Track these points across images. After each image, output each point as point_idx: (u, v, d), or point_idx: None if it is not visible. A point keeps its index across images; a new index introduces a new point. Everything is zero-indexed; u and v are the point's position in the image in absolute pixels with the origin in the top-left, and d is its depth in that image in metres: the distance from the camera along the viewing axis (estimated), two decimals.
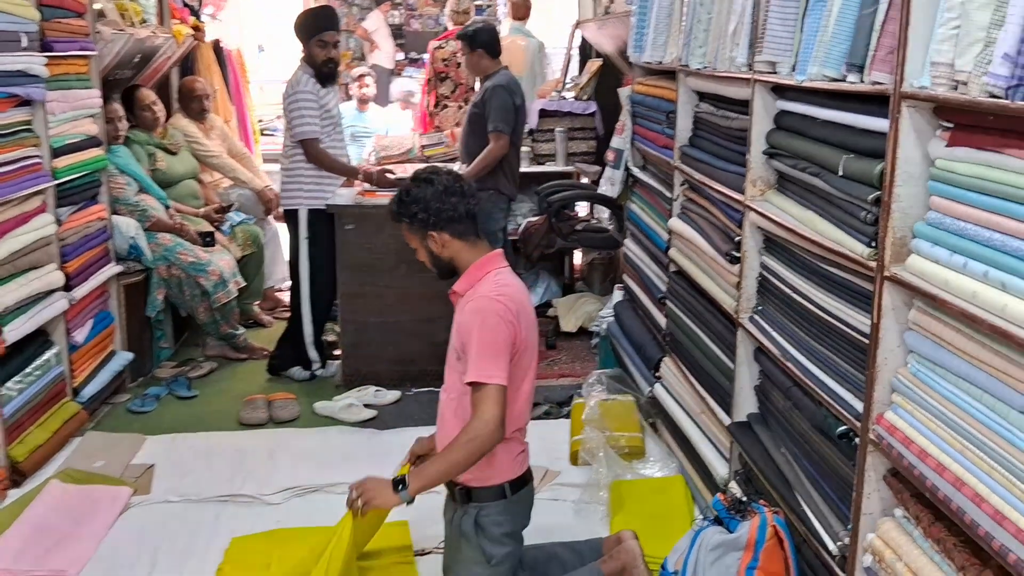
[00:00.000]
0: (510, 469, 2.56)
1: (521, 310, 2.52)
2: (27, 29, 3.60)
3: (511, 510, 2.57)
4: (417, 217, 2.56)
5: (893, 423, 1.99)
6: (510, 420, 2.54)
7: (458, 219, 2.57)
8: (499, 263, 2.61)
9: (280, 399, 4.39)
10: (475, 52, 5.02)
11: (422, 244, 2.63)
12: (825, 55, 2.24)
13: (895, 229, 1.96)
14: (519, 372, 2.53)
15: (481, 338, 2.42)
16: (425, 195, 2.56)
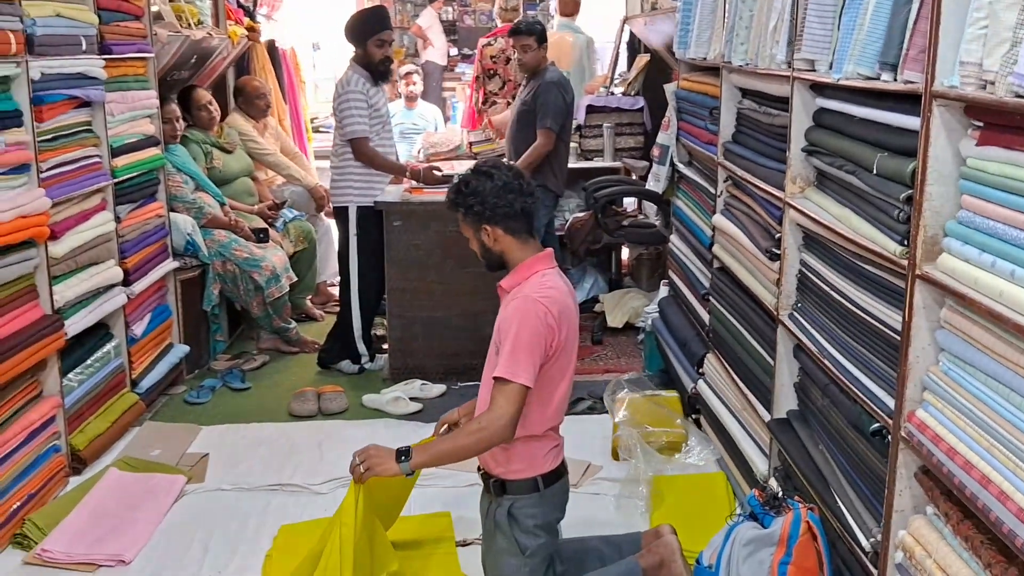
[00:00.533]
0: (543, 463, 2.60)
1: (564, 312, 2.54)
2: (86, 33, 3.74)
3: (544, 503, 2.62)
4: (473, 209, 2.58)
5: (924, 421, 1.99)
6: (544, 418, 2.59)
7: (513, 216, 2.59)
8: (548, 263, 2.63)
9: (329, 392, 4.49)
10: (543, 47, 5.08)
11: (475, 236, 2.65)
12: (860, 53, 2.24)
13: (927, 227, 1.97)
14: (555, 373, 2.57)
15: (517, 337, 2.45)
16: (484, 189, 2.57)
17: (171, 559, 3.16)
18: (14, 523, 3.24)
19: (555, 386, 2.60)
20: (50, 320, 3.43)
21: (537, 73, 5.12)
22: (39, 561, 3.10)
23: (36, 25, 3.34)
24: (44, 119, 3.43)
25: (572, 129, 5.43)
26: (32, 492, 3.37)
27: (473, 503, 3.06)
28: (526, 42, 5.11)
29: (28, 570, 3.08)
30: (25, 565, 3.10)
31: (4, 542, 3.19)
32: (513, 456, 2.55)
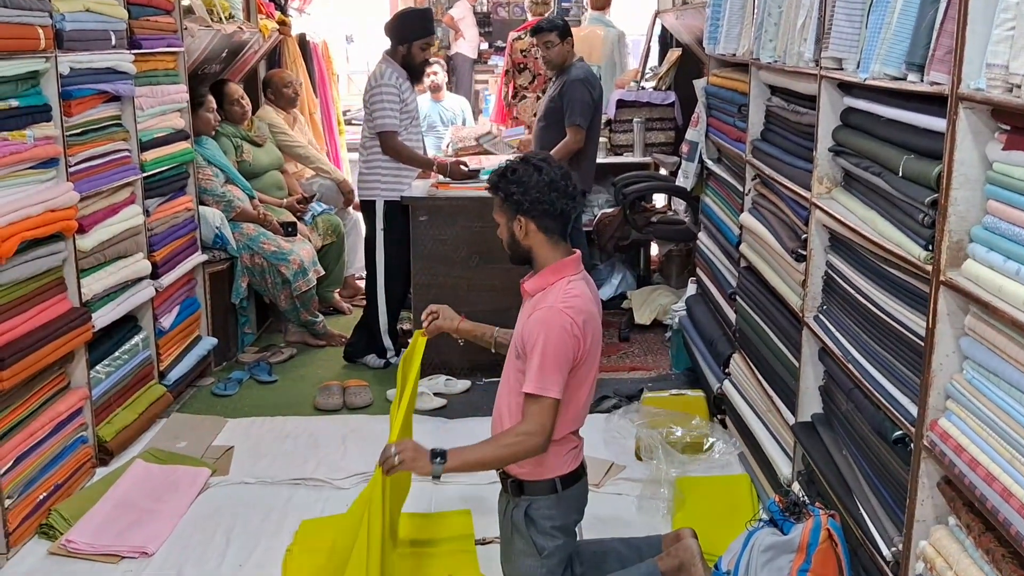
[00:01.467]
0: (561, 465, 2.59)
1: (588, 321, 2.52)
2: (116, 28, 3.76)
3: (561, 504, 2.60)
4: (513, 197, 2.53)
5: (946, 430, 1.95)
6: (565, 421, 2.57)
7: (551, 215, 2.54)
8: (574, 269, 2.59)
9: (354, 386, 4.50)
10: (566, 41, 5.05)
11: (507, 224, 2.60)
12: (887, 53, 2.20)
13: (951, 233, 1.92)
14: (577, 381, 2.55)
15: (543, 350, 2.42)
16: (529, 180, 2.52)
17: (193, 551, 3.19)
18: (40, 513, 3.28)
19: (576, 391, 2.58)
20: (78, 313, 3.47)
21: (564, 69, 5.08)
22: (64, 551, 3.14)
23: (65, 20, 3.37)
24: (73, 113, 3.46)
25: (601, 124, 5.38)
26: (58, 483, 3.41)
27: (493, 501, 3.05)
28: (548, 38, 5.06)
29: (53, 560, 3.12)
30: (50, 555, 3.14)
31: (30, 532, 3.23)
32: (532, 459, 2.54)
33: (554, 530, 2.59)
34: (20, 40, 3.11)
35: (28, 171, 3.20)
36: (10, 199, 3.06)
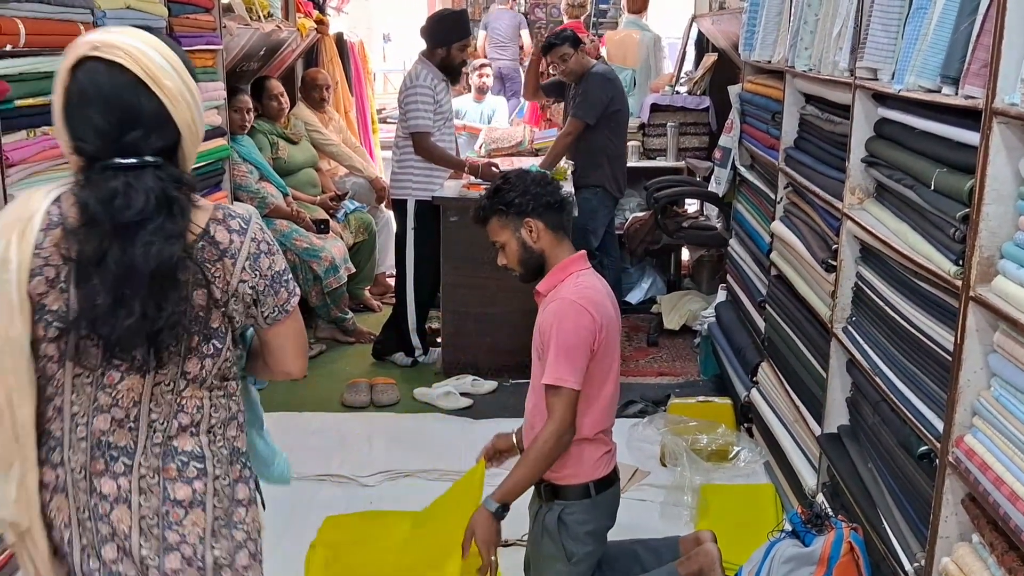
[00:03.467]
0: (595, 469, 2.57)
1: (603, 312, 2.52)
2: (156, 25, 3.81)
3: (595, 509, 2.59)
4: (515, 202, 2.53)
5: (972, 447, 1.93)
6: (594, 422, 2.56)
7: (553, 207, 2.56)
8: (582, 264, 2.61)
9: (381, 383, 4.54)
10: (580, 49, 5.04)
11: (515, 235, 2.58)
12: (922, 65, 2.18)
13: (982, 248, 1.91)
14: (599, 374, 2.54)
15: (559, 341, 2.43)
16: (523, 183, 2.56)
17: None
18: None
19: (600, 386, 2.57)
20: None
21: (584, 75, 5.08)
22: None
23: (106, 17, 3.42)
24: None
25: (626, 123, 5.35)
26: None
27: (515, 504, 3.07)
28: (562, 52, 5.03)
29: None
30: None
31: None
32: (565, 460, 2.53)
33: (587, 536, 2.57)
34: (62, 36, 3.16)
35: (67, 166, 3.24)
36: None
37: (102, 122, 1.58)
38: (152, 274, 1.52)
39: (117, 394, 1.62)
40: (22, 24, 2.91)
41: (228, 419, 1.73)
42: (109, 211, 1.53)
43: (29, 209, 1.60)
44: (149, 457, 1.65)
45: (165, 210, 1.56)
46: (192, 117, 1.64)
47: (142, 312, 1.53)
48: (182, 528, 1.65)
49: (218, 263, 1.61)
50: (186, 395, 1.66)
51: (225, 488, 1.72)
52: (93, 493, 1.64)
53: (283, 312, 1.71)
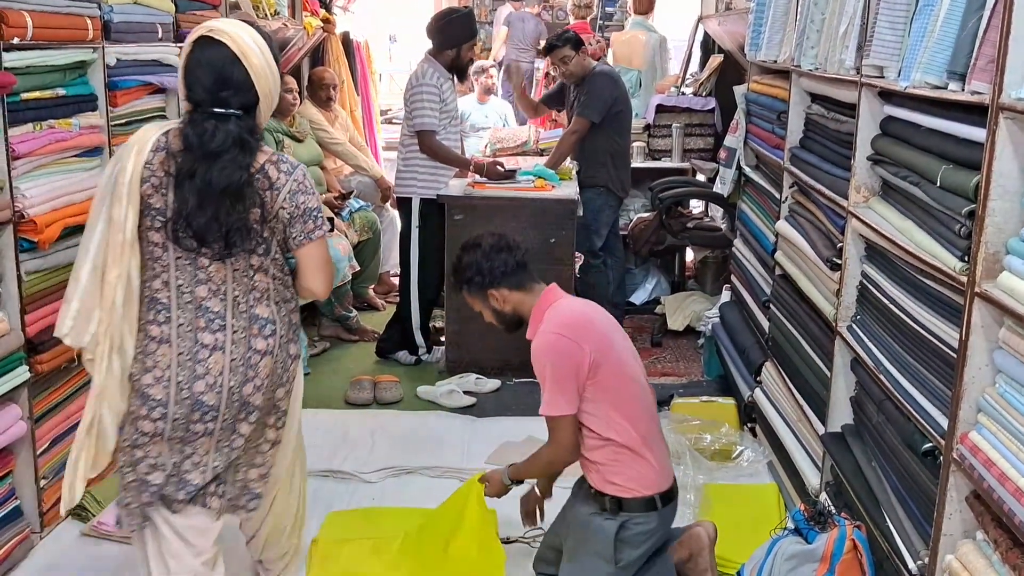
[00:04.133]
0: (657, 482, 2.59)
1: (581, 330, 2.59)
2: (162, 20, 3.83)
3: (658, 521, 2.60)
4: (474, 281, 2.71)
5: (976, 443, 1.93)
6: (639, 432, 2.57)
7: (511, 272, 2.71)
8: (554, 296, 2.71)
9: (385, 381, 4.53)
10: (580, 51, 5.04)
11: (485, 304, 2.77)
12: (928, 61, 2.17)
13: (988, 244, 1.90)
14: (614, 383, 2.56)
15: (542, 374, 2.57)
16: (475, 259, 2.71)
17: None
18: None
19: (625, 394, 2.59)
20: None
21: (585, 77, 5.08)
22: (96, 533, 3.19)
23: (113, 12, 3.43)
24: (118, 104, 3.53)
25: (630, 123, 5.34)
26: None
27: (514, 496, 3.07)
28: (563, 54, 5.02)
29: (85, 541, 3.18)
30: (82, 536, 3.20)
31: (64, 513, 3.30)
32: (627, 475, 2.55)
33: (643, 544, 2.58)
34: (69, 30, 3.17)
35: (73, 159, 3.27)
36: (54, 186, 3.13)
37: (206, 81, 2.21)
38: (223, 190, 2.16)
39: (208, 274, 2.26)
40: (30, 17, 2.92)
41: (287, 299, 2.38)
42: (201, 142, 2.17)
43: (144, 137, 2.24)
44: (238, 319, 2.28)
45: (238, 147, 2.19)
46: (270, 89, 2.28)
47: (215, 215, 2.17)
48: (258, 368, 2.30)
49: (267, 191, 2.24)
50: (256, 279, 2.30)
51: (285, 345, 2.36)
52: (196, 342, 2.25)
53: (308, 238, 2.30)
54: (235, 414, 2.30)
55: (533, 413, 4.27)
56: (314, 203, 2.29)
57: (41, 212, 3.02)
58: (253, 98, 2.25)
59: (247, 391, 2.29)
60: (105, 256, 2.21)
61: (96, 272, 2.23)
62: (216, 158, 2.17)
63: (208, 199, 2.16)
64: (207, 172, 2.16)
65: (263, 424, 2.39)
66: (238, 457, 2.37)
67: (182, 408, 2.24)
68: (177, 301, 2.26)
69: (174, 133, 2.23)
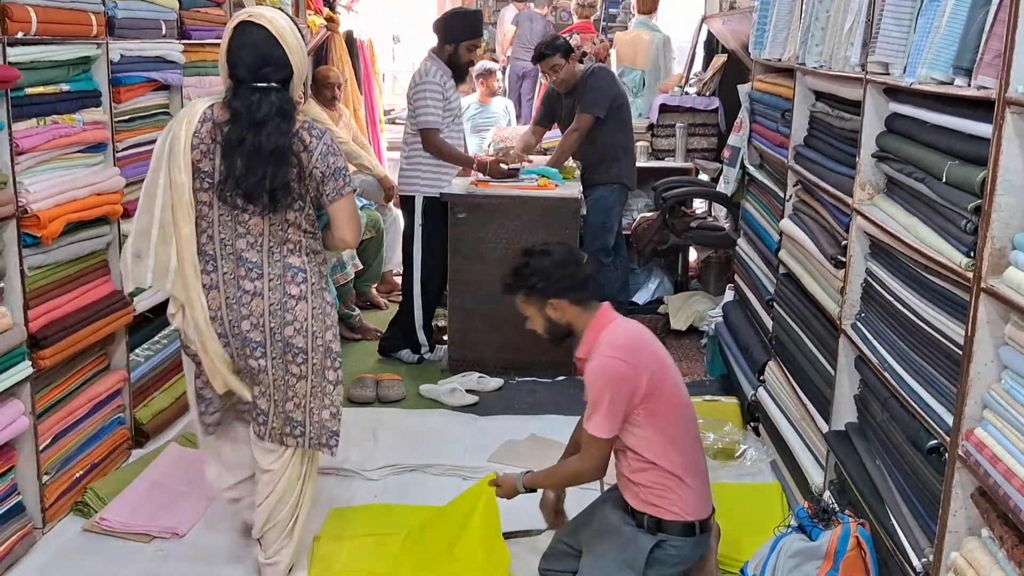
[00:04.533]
0: (698, 509, 2.56)
1: (639, 355, 2.53)
2: (166, 17, 3.83)
3: (694, 546, 2.57)
4: (536, 287, 2.62)
5: (982, 440, 1.92)
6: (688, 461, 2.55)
7: (576, 286, 2.63)
8: (610, 317, 2.63)
9: (387, 379, 4.53)
10: (571, 59, 5.03)
11: (539, 312, 2.66)
12: (934, 57, 2.17)
13: (994, 239, 1.89)
14: (667, 408, 2.53)
15: (593, 396, 2.50)
16: (544, 266, 2.62)
17: (223, 535, 3.23)
18: (76, 491, 3.34)
19: (675, 421, 2.56)
20: (120, 296, 3.53)
21: (576, 83, 5.08)
22: (98, 529, 3.20)
23: (117, 8, 3.43)
24: (122, 100, 3.53)
25: (630, 117, 5.32)
26: (95, 462, 3.47)
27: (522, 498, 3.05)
28: (554, 63, 5.00)
29: (87, 537, 3.18)
30: (84, 532, 3.20)
31: (66, 508, 3.29)
32: (671, 499, 2.52)
33: (675, 567, 2.55)
34: (73, 26, 3.17)
35: (76, 155, 3.27)
36: (58, 181, 3.13)
37: (249, 60, 2.55)
38: (270, 153, 2.52)
39: (248, 229, 2.63)
40: (34, 12, 2.92)
41: (316, 251, 2.75)
42: (248, 112, 2.52)
43: (193, 111, 2.62)
44: (273, 268, 2.66)
45: (280, 116, 2.54)
46: (300, 63, 2.63)
47: (262, 176, 2.52)
48: (295, 312, 2.68)
49: (303, 153, 2.58)
50: (290, 233, 2.66)
51: (319, 292, 2.74)
52: (239, 289, 2.65)
53: (339, 194, 2.64)
54: (281, 353, 2.69)
55: (535, 412, 4.29)
56: (342, 163, 2.64)
57: (44, 207, 3.01)
58: (289, 73, 2.60)
59: (288, 333, 2.68)
60: (173, 216, 2.59)
61: (164, 230, 2.59)
62: (262, 126, 2.51)
63: (257, 162, 2.51)
64: (255, 138, 2.51)
65: (304, 363, 2.73)
66: (285, 391, 2.74)
67: (237, 341, 2.70)
68: (221, 253, 2.66)
69: (218, 106, 2.60)
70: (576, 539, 2.71)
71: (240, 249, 2.64)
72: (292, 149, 2.55)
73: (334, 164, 2.61)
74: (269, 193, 2.54)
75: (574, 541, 2.72)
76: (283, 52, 2.57)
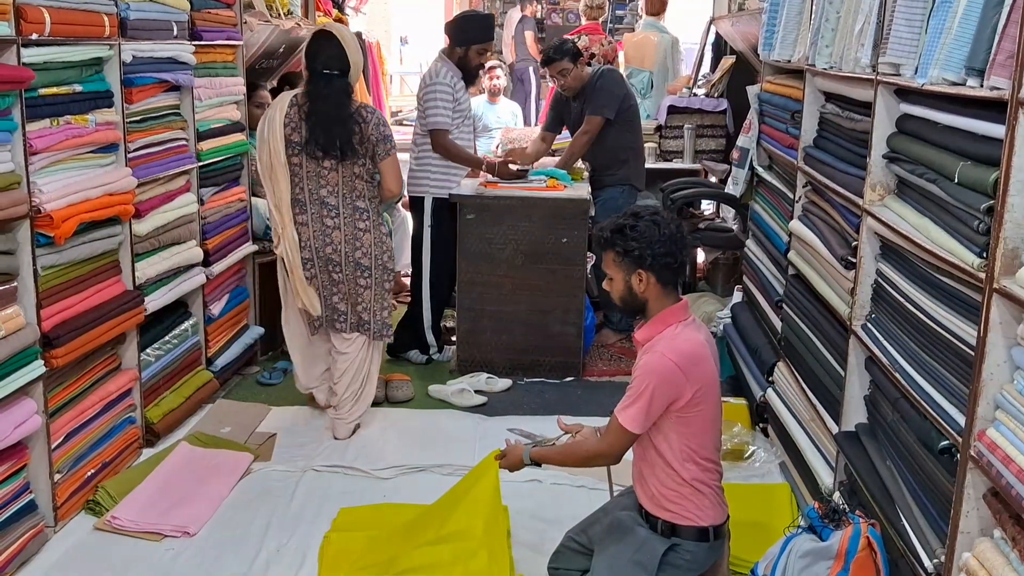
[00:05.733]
0: (714, 514, 2.55)
1: (697, 364, 2.49)
2: (178, 19, 3.84)
3: (708, 552, 2.55)
4: (634, 252, 2.51)
5: (995, 440, 1.92)
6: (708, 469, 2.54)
7: (672, 268, 2.55)
8: (683, 315, 2.57)
9: (396, 380, 4.54)
10: (579, 63, 5.04)
11: (624, 277, 2.57)
12: (946, 58, 2.17)
13: (1007, 240, 1.90)
14: (699, 420, 2.51)
15: (637, 388, 2.45)
16: (652, 235, 2.52)
17: (233, 533, 3.24)
18: (87, 489, 3.36)
19: (706, 434, 2.54)
20: (131, 296, 3.55)
21: (584, 87, 5.09)
22: (108, 527, 3.21)
23: (130, 9, 3.45)
24: (134, 101, 3.54)
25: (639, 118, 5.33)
26: (106, 461, 3.49)
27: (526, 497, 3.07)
28: (562, 67, 5.02)
29: (98, 535, 3.19)
30: (95, 530, 3.22)
31: (77, 507, 3.31)
32: (684, 504, 2.52)
33: (687, 571, 2.53)
34: (85, 27, 3.19)
35: (89, 155, 3.28)
36: (71, 181, 3.14)
37: (323, 57, 3.71)
38: (336, 119, 3.65)
39: (328, 181, 3.77)
40: (48, 13, 2.93)
41: (374, 197, 3.89)
42: (320, 91, 3.68)
43: (283, 101, 3.77)
44: (346, 209, 3.80)
45: (344, 95, 3.71)
46: (356, 61, 3.76)
47: (333, 136, 3.66)
48: (362, 240, 3.83)
49: (361, 124, 3.71)
50: (356, 183, 3.80)
51: (376, 225, 3.87)
52: (323, 225, 3.80)
53: (387, 154, 3.80)
54: (352, 271, 3.86)
55: (543, 412, 4.30)
56: (389, 132, 3.80)
57: (57, 207, 3.03)
58: (347, 66, 3.74)
59: (357, 256, 3.84)
60: (273, 173, 3.74)
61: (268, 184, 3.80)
62: (328, 100, 3.68)
63: (328, 126, 3.66)
64: (325, 108, 3.67)
65: (369, 277, 3.88)
66: (356, 297, 3.90)
67: (321, 262, 3.84)
68: (309, 199, 3.79)
69: (299, 94, 3.75)
70: (586, 537, 2.71)
71: (323, 196, 3.77)
72: (353, 118, 3.67)
73: (383, 132, 3.75)
74: (340, 149, 3.67)
75: (584, 539, 2.71)
76: (343, 51, 3.71)
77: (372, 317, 3.91)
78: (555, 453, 2.72)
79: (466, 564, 2.83)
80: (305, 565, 3.06)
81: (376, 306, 3.90)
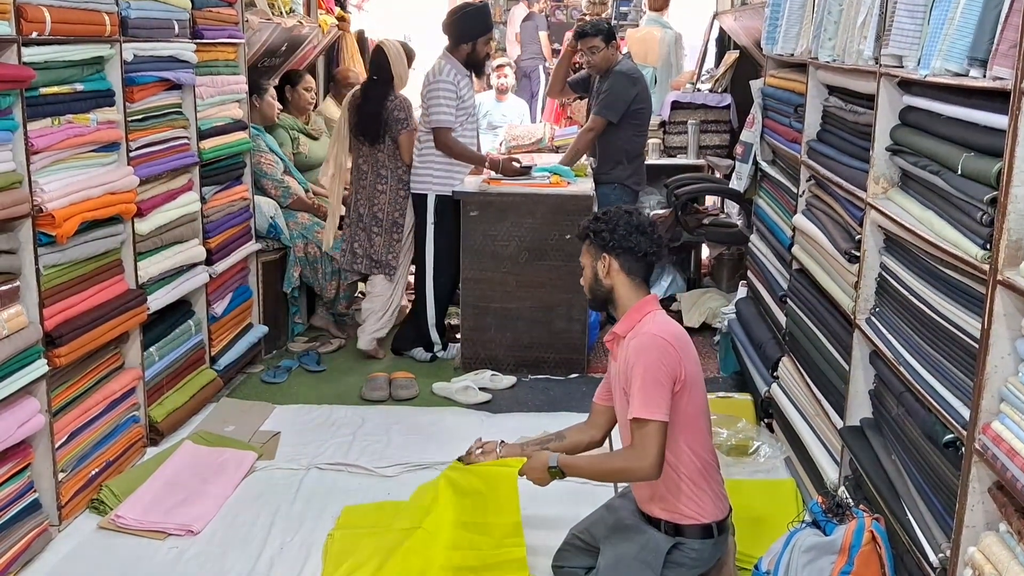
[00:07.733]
0: (715, 510, 2.54)
1: (685, 346, 2.51)
2: (179, 17, 3.84)
3: (713, 548, 2.55)
4: (600, 235, 2.59)
5: (999, 433, 1.91)
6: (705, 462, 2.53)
7: (635, 256, 2.58)
8: (655, 306, 2.60)
9: (400, 378, 4.53)
10: (611, 45, 5.02)
11: (592, 263, 2.63)
12: (949, 48, 2.15)
13: (1010, 231, 1.88)
14: (691, 408, 2.51)
15: (644, 374, 2.42)
16: (619, 221, 2.58)
17: (237, 532, 3.24)
18: (92, 488, 3.36)
19: (696, 423, 2.54)
20: (134, 294, 3.55)
21: (609, 70, 5.07)
22: (113, 526, 3.21)
23: (130, 8, 3.44)
24: (135, 99, 3.54)
25: (648, 121, 5.32)
26: (110, 460, 3.49)
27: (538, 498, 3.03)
28: (593, 43, 5.02)
29: (102, 534, 3.20)
30: (99, 529, 3.22)
31: (81, 506, 3.31)
32: (685, 503, 2.51)
33: (692, 569, 2.52)
34: (87, 26, 3.19)
35: (90, 154, 3.28)
36: (72, 180, 3.14)
37: (373, 66, 4.88)
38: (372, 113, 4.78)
39: (365, 154, 4.88)
40: (48, 12, 2.93)
41: (397, 167, 4.85)
42: (368, 93, 4.83)
43: (354, 92, 4.95)
44: (373, 174, 4.87)
45: (381, 96, 4.78)
46: (399, 72, 4.81)
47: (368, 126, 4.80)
48: (379, 199, 4.88)
49: (384, 112, 4.75)
50: (379, 156, 4.84)
51: (395, 189, 4.86)
52: (359, 185, 4.93)
53: (400, 131, 4.76)
54: (370, 221, 4.85)
55: (548, 409, 4.29)
56: (403, 115, 4.78)
57: (59, 206, 3.03)
58: (390, 75, 4.78)
59: (375, 210, 4.83)
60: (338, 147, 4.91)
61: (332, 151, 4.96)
62: (369, 99, 4.77)
63: (367, 117, 4.75)
64: (366, 105, 4.76)
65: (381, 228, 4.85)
66: (369, 244, 4.86)
67: (354, 214, 4.91)
68: (357, 166, 4.92)
69: (356, 92, 4.89)
70: (591, 534, 2.70)
71: (359, 164, 4.86)
72: (382, 114, 4.73)
73: (397, 116, 4.75)
74: (372, 133, 4.75)
75: (588, 537, 2.70)
76: (388, 62, 4.74)
77: (381, 259, 4.86)
78: (586, 466, 2.60)
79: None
80: (309, 563, 3.06)
81: (383, 250, 4.84)
